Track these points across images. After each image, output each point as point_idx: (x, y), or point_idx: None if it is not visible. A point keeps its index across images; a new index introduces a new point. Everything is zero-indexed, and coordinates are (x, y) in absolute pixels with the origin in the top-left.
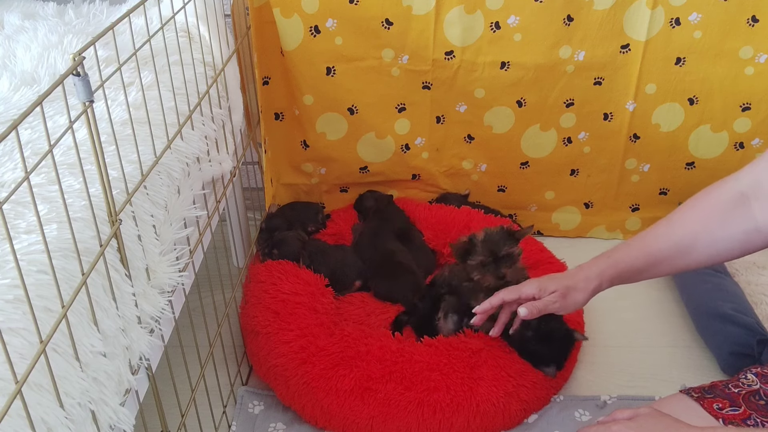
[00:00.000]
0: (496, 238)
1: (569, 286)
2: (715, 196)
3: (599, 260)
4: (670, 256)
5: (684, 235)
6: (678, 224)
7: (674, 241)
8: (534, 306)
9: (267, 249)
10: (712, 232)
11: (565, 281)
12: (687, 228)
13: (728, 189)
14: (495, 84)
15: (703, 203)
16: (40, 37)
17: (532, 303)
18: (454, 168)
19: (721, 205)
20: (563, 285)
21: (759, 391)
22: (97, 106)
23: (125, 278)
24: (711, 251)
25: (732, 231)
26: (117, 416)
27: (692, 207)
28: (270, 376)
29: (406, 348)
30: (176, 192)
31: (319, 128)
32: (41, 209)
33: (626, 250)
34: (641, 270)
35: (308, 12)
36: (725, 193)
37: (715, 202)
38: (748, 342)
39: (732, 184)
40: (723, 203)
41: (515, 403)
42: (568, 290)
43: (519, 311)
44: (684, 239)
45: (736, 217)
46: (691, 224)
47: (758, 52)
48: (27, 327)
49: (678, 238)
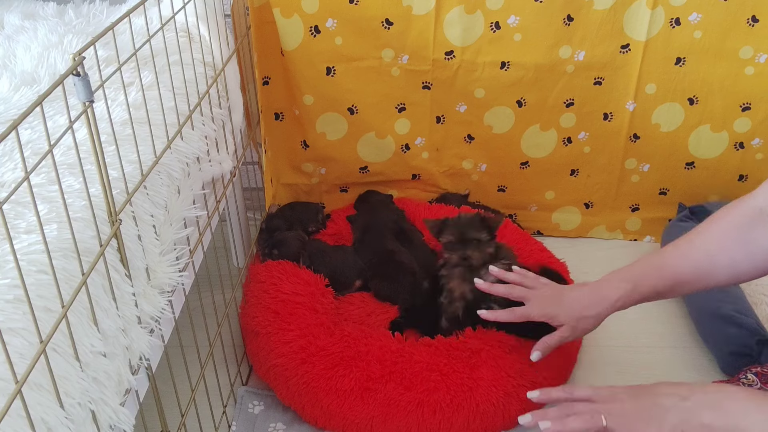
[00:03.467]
0: (466, 222)
1: (583, 317)
2: (732, 216)
3: (620, 285)
4: (691, 280)
5: (703, 258)
6: (697, 247)
7: (694, 265)
8: (546, 344)
9: (267, 249)
10: (731, 253)
11: (578, 311)
12: (706, 251)
13: (745, 207)
14: (495, 84)
15: (721, 224)
16: (40, 37)
17: (544, 340)
18: (454, 168)
19: (738, 224)
20: (576, 317)
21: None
22: (97, 106)
23: (125, 278)
24: (731, 272)
25: (751, 250)
26: (117, 416)
27: (710, 228)
28: (270, 376)
29: (406, 348)
30: (176, 192)
31: (319, 128)
32: (41, 209)
33: (647, 272)
34: (661, 294)
35: (308, 12)
36: (742, 211)
37: (732, 222)
38: (748, 342)
39: (749, 202)
40: (741, 223)
41: (515, 404)
42: (579, 321)
43: (531, 357)
44: (704, 263)
45: (755, 236)
46: (709, 246)
47: (758, 52)
48: (27, 327)
49: (697, 261)
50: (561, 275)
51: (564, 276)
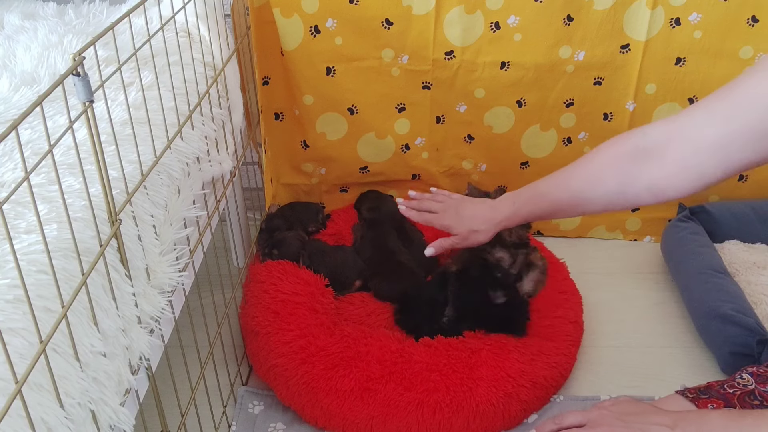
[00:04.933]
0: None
1: (473, 230)
2: (615, 149)
3: (505, 208)
4: (567, 208)
5: (582, 187)
6: (576, 177)
7: (572, 195)
8: (440, 245)
9: (267, 249)
10: (606, 186)
11: (469, 224)
12: (585, 180)
13: (629, 143)
14: (495, 84)
15: (602, 156)
16: (40, 37)
17: (440, 241)
18: (454, 168)
19: (619, 157)
20: (467, 229)
21: (754, 391)
22: (97, 106)
23: (125, 278)
24: (604, 203)
25: (625, 183)
26: (117, 416)
27: (593, 159)
28: (270, 376)
29: (406, 348)
30: (176, 192)
31: (319, 128)
32: (41, 209)
33: (530, 199)
34: (540, 217)
35: (308, 12)
36: (625, 147)
37: (614, 156)
38: (747, 342)
39: (633, 140)
40: (621, 156)
41: (515, 404)
42: (470, 234)
43: (426, 252)
44: (581, 193)
45: (632, 171)
46: (589, 177)
47: (758, 52)
48: (27, 327)
49: (575, 191)
50: None
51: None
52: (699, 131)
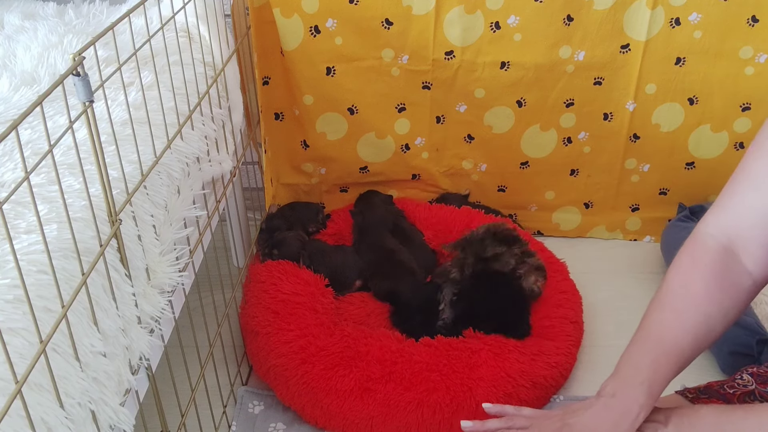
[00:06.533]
0: (480, 238)
1: None
2: (703, 264)
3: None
4: (696, 349)
5: (698, 323)
6: (693, 313)
7: (693, 334)
8: None
9: (267, 249)
10: (721, 304)
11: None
12: (699, 315)
13: (710, 250)
14: (495, 84)
15: (698, 282)
16: (40, 37)
17: None
18: (454, 168)
19: (715, 272)
20: None
21: (754, 391)
22: (97, 106)
23: (125, 278)
24: (725, 322)
25: (736, 293)
26: (117, 416)
27: (691, 290)
28: (270, 376)
29: (406, 348)
30: (176, 192)
31: (319, 128)
32: (41, 209)
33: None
34: (673, 375)
35: (308, 12)
36: (710, 255)
37: (706, 271)
38: (747, 342)
39: (710, 244)
40: (715, 269)
41: (515, 404)
42: None
43: None
44: (700, 328)
45: (732, 279)
46: (698, 307)
47: (758, 52)
48: (27, 327)
49: (694, 329)
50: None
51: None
52: (756, 211)
